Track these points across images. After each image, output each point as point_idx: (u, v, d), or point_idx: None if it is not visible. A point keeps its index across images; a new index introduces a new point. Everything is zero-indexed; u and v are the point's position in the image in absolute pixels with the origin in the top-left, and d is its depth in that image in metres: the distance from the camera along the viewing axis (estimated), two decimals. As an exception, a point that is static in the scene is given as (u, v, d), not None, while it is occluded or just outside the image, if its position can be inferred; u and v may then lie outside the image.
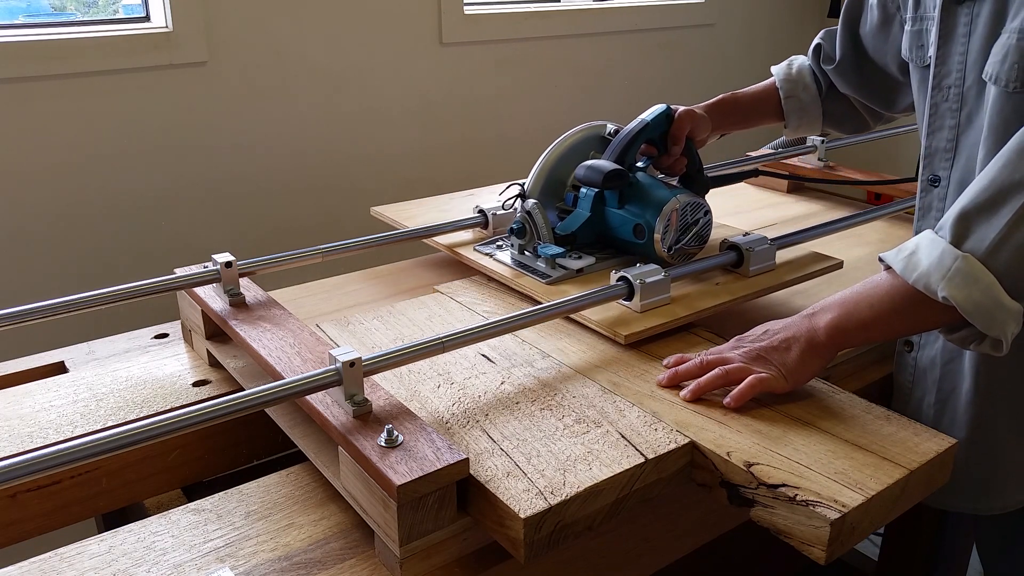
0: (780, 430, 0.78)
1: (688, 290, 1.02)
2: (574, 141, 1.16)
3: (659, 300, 0.97)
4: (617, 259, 1.10)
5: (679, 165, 1.15)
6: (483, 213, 1.20)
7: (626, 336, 0.92)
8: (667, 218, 1.03)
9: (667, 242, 1.04)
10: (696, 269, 1.04)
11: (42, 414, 0.90)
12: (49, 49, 1.55)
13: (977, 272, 0.75)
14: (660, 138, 1.13)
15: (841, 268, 1.12)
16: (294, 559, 0.72)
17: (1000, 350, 0.78)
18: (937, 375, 0.99)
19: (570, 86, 2.30)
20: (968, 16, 0.89)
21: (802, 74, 1.29)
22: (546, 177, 1.14)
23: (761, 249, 1.06)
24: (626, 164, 1.09)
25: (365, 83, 1.94)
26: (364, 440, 0.70)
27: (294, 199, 1.88)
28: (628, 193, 1.08)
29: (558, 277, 1.05)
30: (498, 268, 1.10)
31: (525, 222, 1.08)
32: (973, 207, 0.77)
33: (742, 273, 1.06)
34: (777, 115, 1.31)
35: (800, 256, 1.12)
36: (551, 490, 0.68)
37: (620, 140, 1.11)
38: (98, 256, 1.68)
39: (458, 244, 1.19)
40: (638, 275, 0.96)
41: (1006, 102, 0.84)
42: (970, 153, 0.91)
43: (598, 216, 1.10)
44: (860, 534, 0.70)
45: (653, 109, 1.13)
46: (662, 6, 2.44)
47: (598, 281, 1.02)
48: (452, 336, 0.83)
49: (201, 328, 1.01)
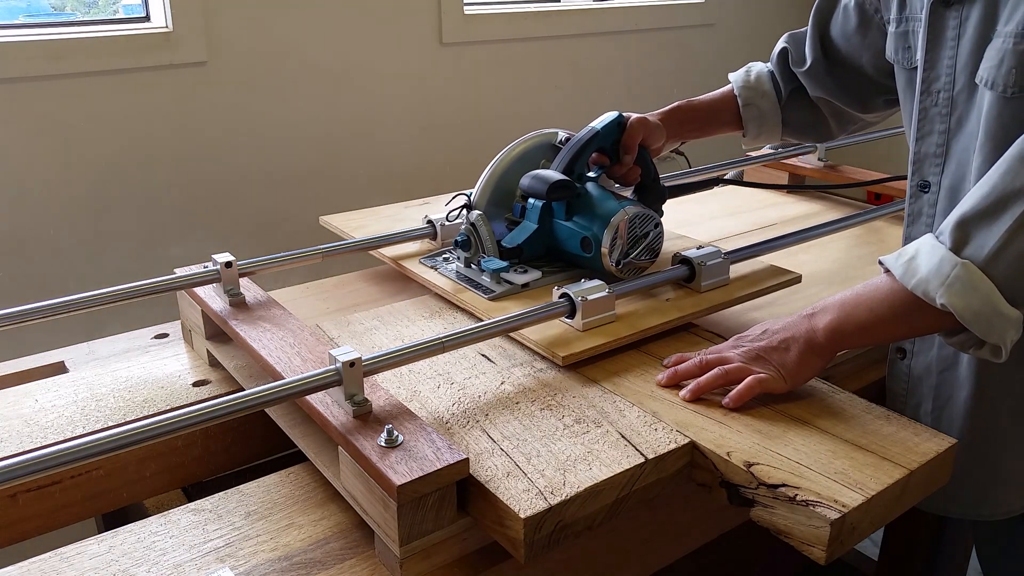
0: (780, 430, 0.78)
1: (636, 306, 0.98)
2: (524, 149, 1.11)
3: (603, 318, 0.93)
4: (566, 273, 1.05)
5: (632, 175, 1.10)
6: (432, 224, 1.16)
7: (563, 357, 0.87)
8: (615, 230, 0.99)
9: (615, 256, 1.00)
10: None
11: (42, 414, 0.90)
12: (49, 49, 1.55)
13: (976, 280, 0.74)
14: (612, 147, 1.09)
15: (799, 282, 1.07)
16: (294, 559, 0.72)
17: (999, 356, 0.77)
18: (933, 383, 0.98)
19: (570, 86, 2.30)
20: (957, 19, 0.88)
21: (761, 81, 1.25)
22: (493, 187, 1.08)
23: (714, 263, 1.01)
24: (575, 174, 1.05)
25: (365, 83, 1.94)
26: (364, 440, 0.70)
27: (294, 199, 1.88)
28: (576, 204, 1.03)
29: (501, 292, 1.00)
30: (440, 282, 1.06)
31: (470, 234, 1.04)
32: (973, 213, 0.76)
33: (694, 288, 1.02)
34: (735, 123, 1.27)
35: (757, 270, 1.07)
36: (551, 490, 0.68)
37: (569, 149, 1.06)
38: (98, 256, 1.68)
39: (408, 255, 1.14)
40: (580, 292, 0.91)
41: (1004, 107, 0.83)
42: (961, 158, 0.90)
43: (546, 228, 1.05)
44: (860, 534, 0.70)
45: (604, 117, 1.08)
46: (662, 6, 2.44)
47: (545, 296, 0.97)
48: (452, 336, 0.83)
49: (201, 328, 1.01)
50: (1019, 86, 0.80)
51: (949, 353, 0.96)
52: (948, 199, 0.92)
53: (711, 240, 1.32)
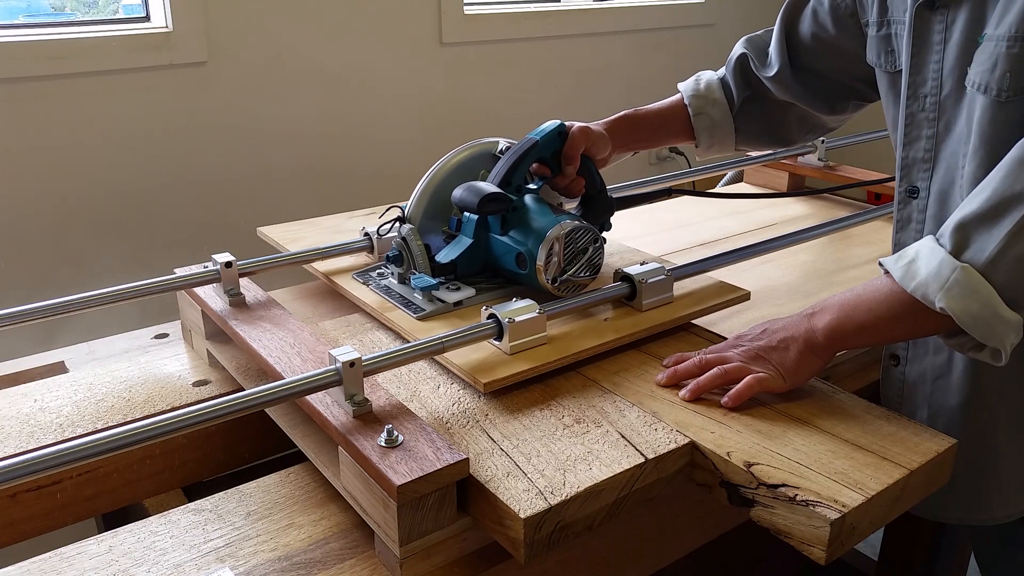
0: (780, 430, 0.78)
1: (572, 327, 0.92)
2: (462, 160, 1.05)
3: (533, 340, 0.87)
4: (503, 290, 0.99)
5: (576, 186, 1.05)
6: (369, 236, 1.10)
7: (485, 384, 0.82)
8: (550, 246, 0.93)
9: (551, 273, 0.94)
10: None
11: (42, 414, 0.90)
12: (49, 49, 1.55)
13: (976, 283, 0.74)
14: (553, 157, 1.03)
15: (748, 300, 1.02)
16: (294, 559, 0.72)
17: (999, 360, 0.77)
18: (928, 390, 0.97)
19: (570, 86, 2.30)
20: (942, 23, 0.86)
21: (711, 90, 1.21)
22: (429, 199, 1.03)
23: (656, 280, 0.96)
24: (513, 186, 0.99)
25: (365, 83, 1.94)
26: (364, 440, 0.70)
27: (294, 199, 1.88)
28: (512, 218, 0.98)
29: (431, 311, 0.95)
30: (368, 299, 1.00)
31: (401, 249, 0.98)
32: (973, 217, 0.75)
33: (635, 307, 0.96)
34: (685, 134, 1.22)
35: (704, 287, 1.02)
36: (551, 490, 0.68)
37: (507, 159, 1.00)
38: (98, 256, 1.68)
39: (344, 269, 1.08)
40: (508, 313, 0.86)
41: (998, 111, 0.81)
42: (950, 162, 0.89)
43: (482, 243, 0.99)
44: (860, 534, 0.70)
45: (543, 126, 1.02)
46: (662, 6, 2.44)
47: (478, 315, 0.90)
48: (452, 336, 0.83)
49: (201, 328, 1.01)
50: (1013, 90, 0.79)
51: (943, 360, 0.95)
52: (938, 204, 0.91)
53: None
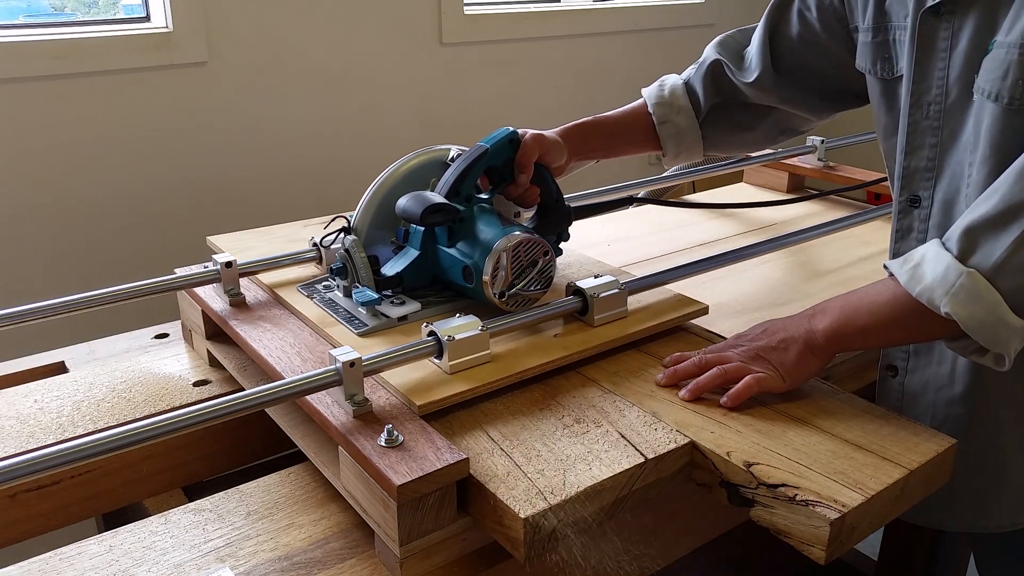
0: (780, 430, 0.78)
1: (518, 344, 0.88)
2: (411, 168, 1.00)
3: (476, 358, 0.83)
4: (451, 304, 0.95)
5: (531, 195, 1.00)
6: (317, 247, 1.04)
7: (420, 407, 0.76)
8: (496, 259, 0.88)
9: (498, 287, 0.89)
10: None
11: (42, 414, 0.90)
12: (49, 49, 1.55)
13: (982, 289, 0.73)
14: (505, 165, 0.98)
15: (707, 314, 0.98)
16: (294, 559, 0.72)
17: (1002, 365, 0.77)
18: (930, 400, 0.96)
19: (570, 86, 2.30)
20: (948, 29, 0.85)
21: (676, 96, 1.16)
22: (376, 209, 0.98)
23: (608, 295, 0.92)
24: (462, 195, 0.94)
25: (365, 83, 1.94)
26: (364, 440, 0.70)
27: (294, 199, 1.88)
28: (459, 230, 0.93)
29: (373, 327, 0.90)
30: (309, 313, 0.95)
31: (345, 261, 0.94)
32: (981, 222, 0.75)
33: (587, 322, 0.92)
34: (649, 142, 1.17)
35: (660, 300, 0.98)
36: (551, 490, 0.68)
37: (456, 168, 0.96)
38: (98, 256, 1.68)
39: (291, 281, 1.03)
40: (448, 330, 0.81)
41: (1009, 119, 0.80)
42: (955, 172, 0.88)
43: (430, 255, 0.95)
44: (860, 534, 0.70)
45: (494, 133, 0.98)
46: (662, 6, 2.45)
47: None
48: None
49: (201, 328, 1.01)
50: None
51: (946, 371, 0.94)
52: (942, 214, 0.90)
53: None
